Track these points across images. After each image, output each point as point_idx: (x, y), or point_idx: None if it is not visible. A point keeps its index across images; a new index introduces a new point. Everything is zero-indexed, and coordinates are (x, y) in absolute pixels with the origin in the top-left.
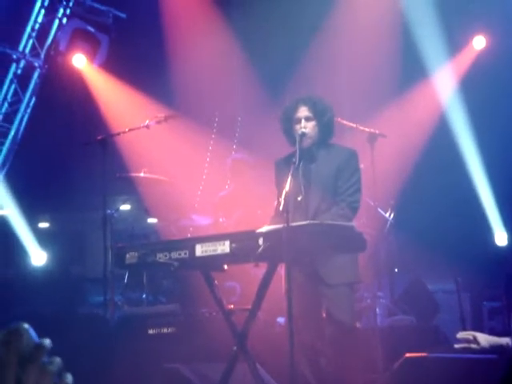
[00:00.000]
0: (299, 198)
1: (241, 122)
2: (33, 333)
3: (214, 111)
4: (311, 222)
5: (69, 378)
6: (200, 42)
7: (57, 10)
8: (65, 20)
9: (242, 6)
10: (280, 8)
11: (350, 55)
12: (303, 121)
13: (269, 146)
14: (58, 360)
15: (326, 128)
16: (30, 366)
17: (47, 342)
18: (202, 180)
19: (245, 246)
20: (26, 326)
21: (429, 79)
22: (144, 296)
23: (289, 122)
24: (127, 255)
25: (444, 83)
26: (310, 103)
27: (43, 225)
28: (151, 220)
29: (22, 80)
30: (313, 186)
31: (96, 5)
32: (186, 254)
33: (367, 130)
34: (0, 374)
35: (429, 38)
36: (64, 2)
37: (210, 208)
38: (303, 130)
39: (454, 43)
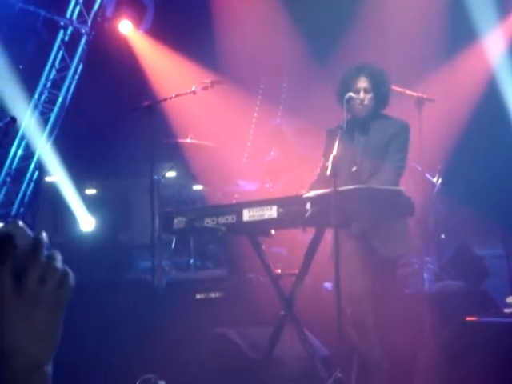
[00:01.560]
0: (353, 169)
1: (286, 88)
2: (28, 230)
3: (260, 76)
4: (359, 186)
5: (70, 273)
6: (246, 7)
7: None
8: None
9: None
10: None
11: (398, 18)
12: (362, 92)
13: (315, 111)
14: (57, 253)
15: (382, 99)
16: (30, 265)
17: (43, 235)
18: (247, 146)
19: (292, 211)
20: (20, 223)
21: (478, 42)
22: (191, 261)
23: (347, 91)
24: (175, 220)
25: (494, 46)
26: (371, 75)
27: (90, 191)
28: (197, 186)
29: (70, 47)
30: (365, 156)
31: None
32: (233, 218)
33: (415, 94)
34: None
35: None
36: None
37: (256, 173)
38: (350, 94)
39: (505, 4)
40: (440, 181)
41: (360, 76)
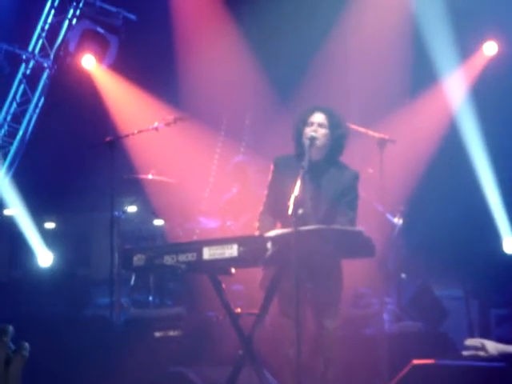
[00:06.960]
0: (300, 211)
1: (249, 125)
2: None
3: (223, 114)
4: (320, 226)
5: (25, 346)
6: (210, 44)
7: (67, 11)
8: (74, 21)
9: (253, 9)
10: (291, 11)
11: (360, 59)
12: (316, 125)
13: (277, 149)
14: (9, 329)
15: (338, 143)
16: None
17: None
18: (209, 182)
19: (253, 250)
20: None
21: (439, 84)
22: (150, 298)
23: (301, 125)
24: (134, 257)
25: (455, 89)
26: (328, 112)
27: (49, 225)
28: (157, 222)
29: (31, 80)
30: (317, 200)
31: (106, 6)
32: (193, 256)
33: (377, 135)
34: None
35: (440, 42)
36: (74, 3)
37: (217, 211)
38: (312, 133)
39: (465, 49)
40: (401, 221)
41: (316, 111)
